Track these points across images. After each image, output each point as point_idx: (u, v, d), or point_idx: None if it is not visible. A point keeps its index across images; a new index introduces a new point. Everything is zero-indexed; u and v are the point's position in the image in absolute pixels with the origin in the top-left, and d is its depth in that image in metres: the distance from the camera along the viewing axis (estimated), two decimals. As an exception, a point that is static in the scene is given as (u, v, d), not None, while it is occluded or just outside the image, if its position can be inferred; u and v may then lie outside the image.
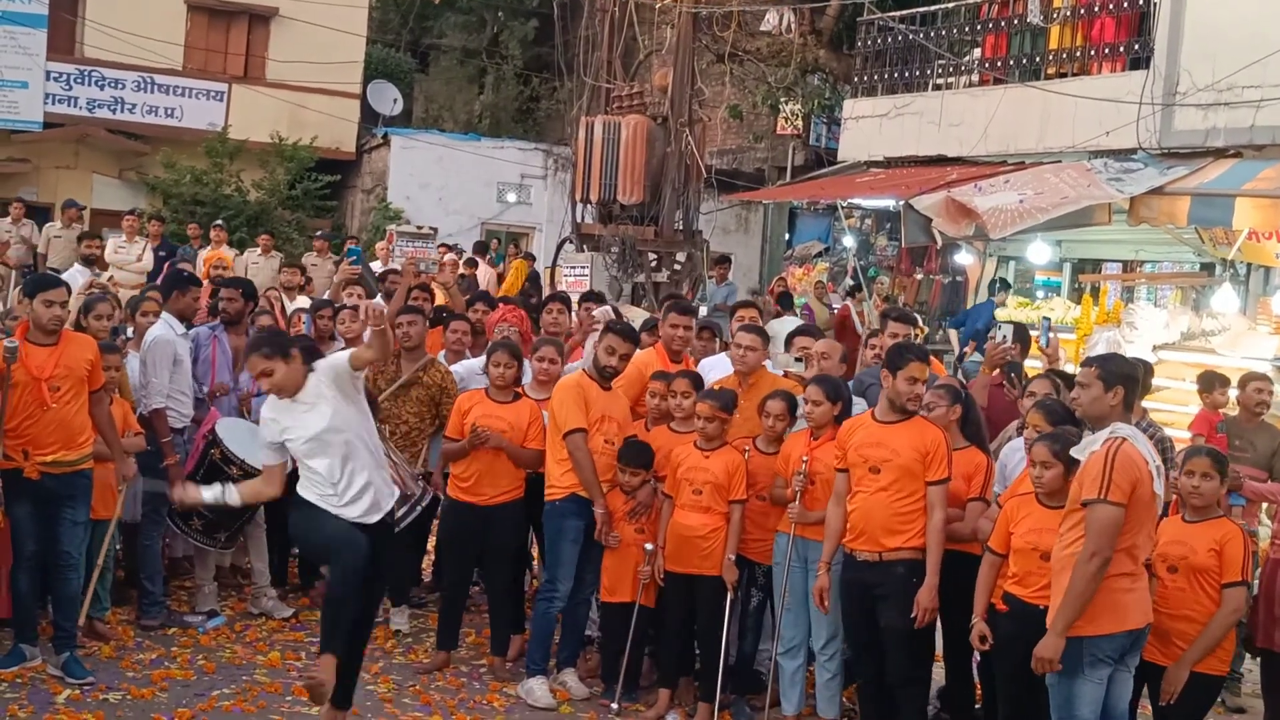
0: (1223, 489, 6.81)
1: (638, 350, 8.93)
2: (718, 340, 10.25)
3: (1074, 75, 15.25)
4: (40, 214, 21.64)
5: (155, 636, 8.68)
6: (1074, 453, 6.33)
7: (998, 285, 16.34)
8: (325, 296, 13.10)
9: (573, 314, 11.55)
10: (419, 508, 8.73)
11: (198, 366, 9.34)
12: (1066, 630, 6.06)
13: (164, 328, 9.20)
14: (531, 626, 8.55)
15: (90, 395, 7.91)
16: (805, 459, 7.70)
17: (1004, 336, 9.22)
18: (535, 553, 9.59)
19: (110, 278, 15.96)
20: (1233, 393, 10.08)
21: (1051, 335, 11.52)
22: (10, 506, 7.82)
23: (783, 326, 10.62)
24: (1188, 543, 6.69)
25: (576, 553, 8.30)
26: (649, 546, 8.06)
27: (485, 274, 21.55)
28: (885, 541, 7.19)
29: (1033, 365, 10.71)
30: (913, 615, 7.11)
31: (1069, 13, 15.53)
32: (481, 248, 23.94)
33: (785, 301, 17.33)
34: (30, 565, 7.90)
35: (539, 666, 8.32)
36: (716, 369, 9.06)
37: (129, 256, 17.58)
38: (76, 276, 13.05)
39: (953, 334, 16.32)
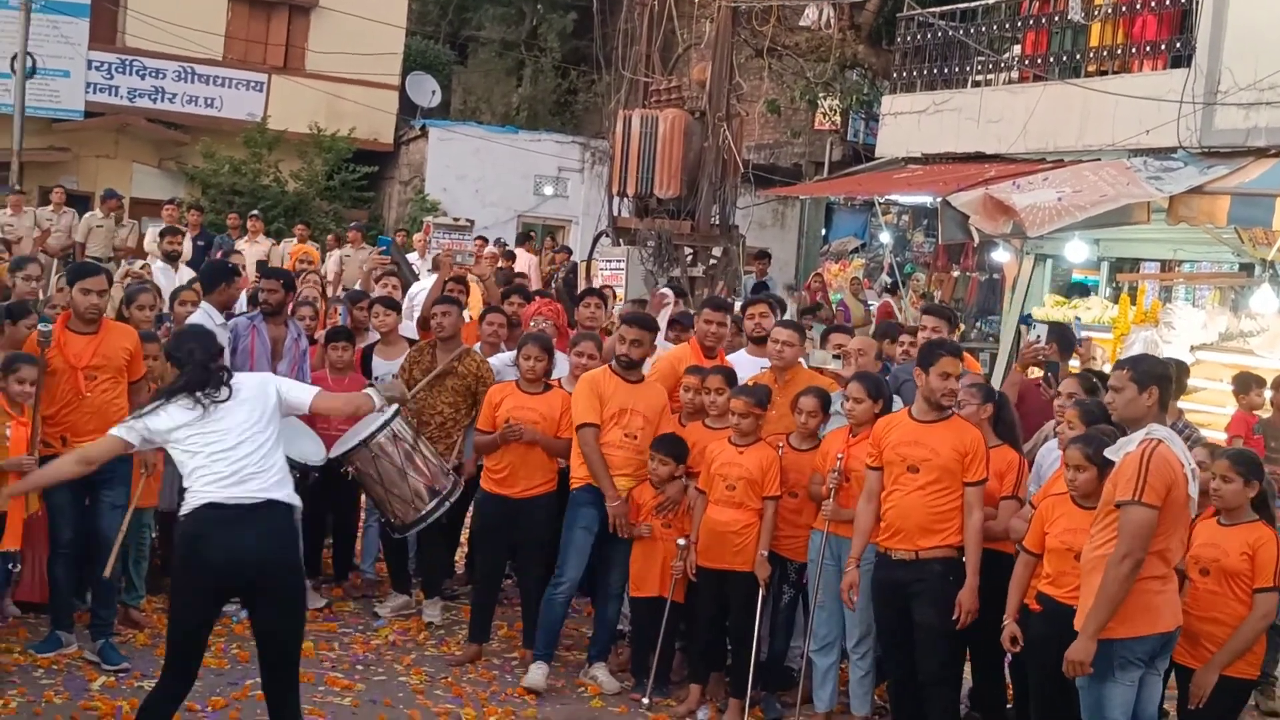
0: (1250, 491, 6.74)
1: (666, 343, 8.95)
2: (742, 334, 10.27)
3: (1114, 73, 15.17)
4: (80, 203, 21.78)
5: (190, 624, 8.75)
6: (1108, 453, 6.30)
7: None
8: (358, 287, 13.14)
9: (610, 308, 11.54)
10: (448, 502, 8.75)
11: (236, 356, 9.38)
12: (1098, 633, 6.04)
13: (203, 317, 9.26)
14: (541, 613, 8.59)
15: (130, 385, 7.97)
16: (841, 456, 7.70)
17: (1037, 336, 9.16)
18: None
19: (145, 266, 16.07)
20: (1269, 394, 10.02)
21: (1083, 335, 11.47)
22: (48, 493, 7.89)
23: None
24: (1220, 545, 6.65)
25: (588, 541, 8.34)
26: (681, 541, 8.08)
27: (527, 260, 21.59)
28: (921, 541, 7.18)
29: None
30: (955, 617, 7.10)
31: (1110, 10, 15.44)
32: (524, 238, 24.02)
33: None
34: (67, 554, 7.99)
35: (542, 652, 8.37)
36: (739, 365, 9.05)
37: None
38: (159, 274, 13.10)
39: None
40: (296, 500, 6.19)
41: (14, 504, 7.70)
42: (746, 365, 9.04)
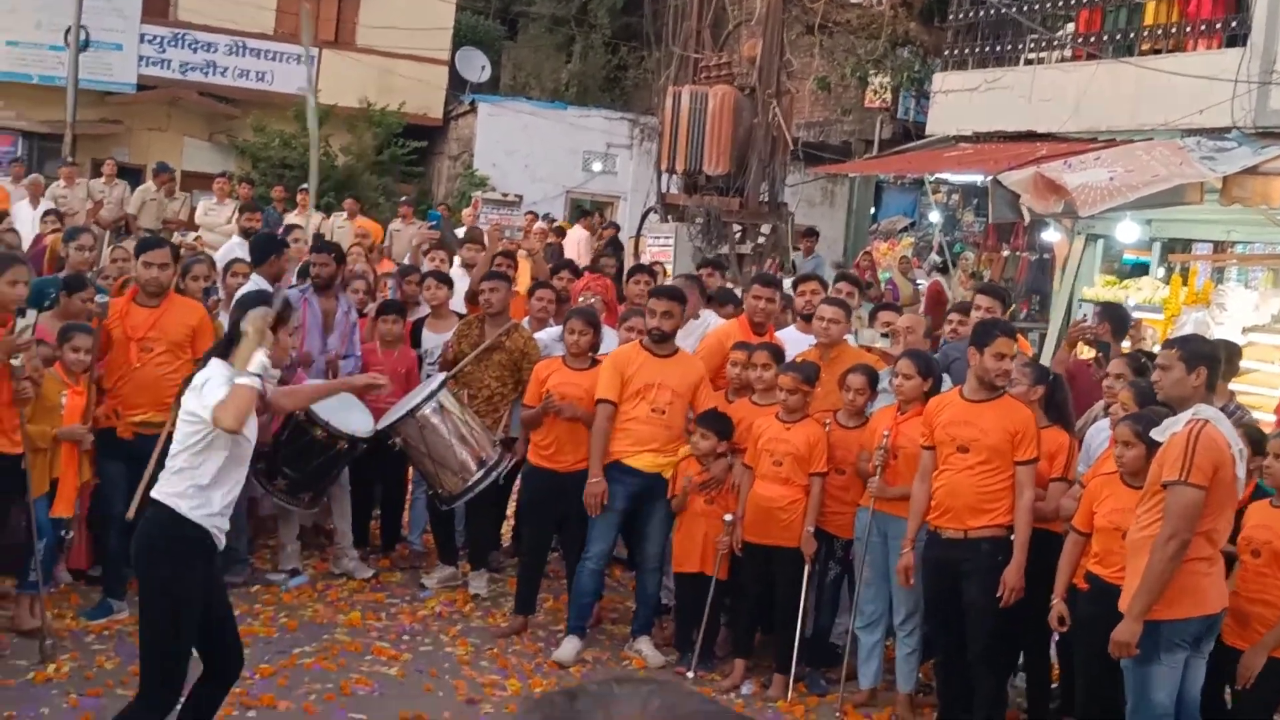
0: None
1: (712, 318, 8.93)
2: (789, 312, 10.27)
3: (1169, 52, 15.04)
4: (132, 175, 21.91)
5: (239, 593, 8.78)
6: (1154, 434, 6.27)
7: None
8: (406, 261, 13.19)
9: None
10: (494, 473, 8.80)
11: (287, 328, 9.45)
12: (1144, 614, 6.02)
13: (252, 289, 9.33)
14: (572, 587, 8.66)
15: (196, 362, 8.02)
16: (887, 433, 7.69)
17: (1085, 315, 9.08)
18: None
19: (197, 238, 16.18)
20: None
21: (1135, 316, 11.37)
22: (101, 465, 8.00)
23: None
24: (1273, 527, 6.61)
25: (612, 518, 8.41)
26: (728, 517, 8.08)
27: (579, 236, 21.59)
28: (970, 520, 7.18)
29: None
30: (998, 595, 7.10)
31: (1165, -12, 15.31)
32: (583, 213, 24.02)
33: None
34: (120, 525, 8.07)
35: (574, 625, 8.47)
36: (788, 342, 9.05)
37: (219, 218, 17.83)
38: (235, 249, 13.23)
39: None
40: (176, 504, 5.60)
41: (67, 472, 7.82)
42: (796, 342, 9.04)
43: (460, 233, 18.46)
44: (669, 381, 8.33)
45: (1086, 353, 9.70)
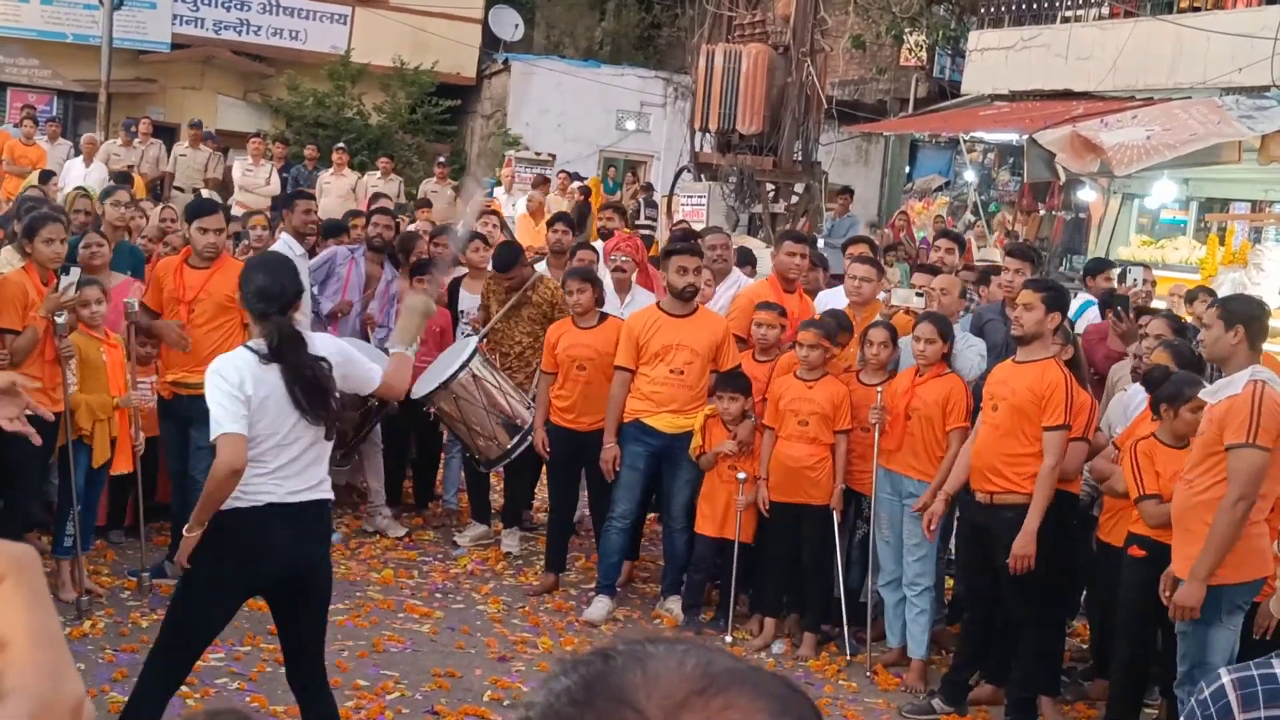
0: None
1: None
2: (823, 273, 10.20)
3: (1208, 9, 14.90)
4: (166, 134, 21.95)
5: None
6: (1204, 395, 6.22)
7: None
8: (458, 226, 13.19)
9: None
10: (530, 437, 8.79)
11: (330, 283, 9.50)
12: (1209, 577, 5.94)
13: (283, 247, 9.36)
14: (599, 546, 8.69)
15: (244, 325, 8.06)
16: (880, 390, 7.68)
17: (1135, 281, 8.95)
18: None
19: (237, 201, 16.23)
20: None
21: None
22: (161, 424, 8.19)
23: None
24: None
25: (634, 477, 8.39)
26: (741, 475, 8.00)
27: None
28: (994, 483, 7.07)
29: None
30: (1009, 561, 7.02)
31: (1205, -55, 15.16)
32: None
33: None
34: (177, 484, 8.19)
35: (603, 584, 8.51)
36: (836, 301, 9.02)
37: (258, 180, 17.83)
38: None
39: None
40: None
41: (123, 430, 7.88)
42: (836, 301, 9.01)
43: (498, 192, 18.43)
44: (687, 341, 8.25)
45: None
